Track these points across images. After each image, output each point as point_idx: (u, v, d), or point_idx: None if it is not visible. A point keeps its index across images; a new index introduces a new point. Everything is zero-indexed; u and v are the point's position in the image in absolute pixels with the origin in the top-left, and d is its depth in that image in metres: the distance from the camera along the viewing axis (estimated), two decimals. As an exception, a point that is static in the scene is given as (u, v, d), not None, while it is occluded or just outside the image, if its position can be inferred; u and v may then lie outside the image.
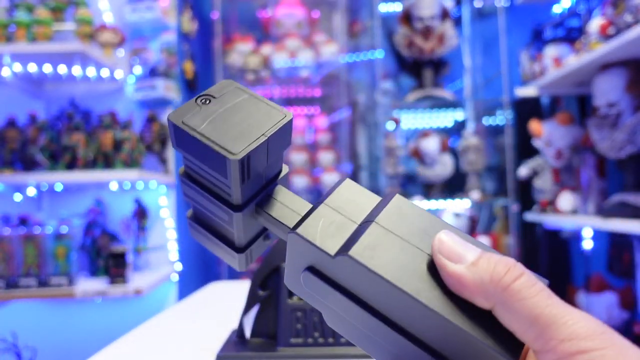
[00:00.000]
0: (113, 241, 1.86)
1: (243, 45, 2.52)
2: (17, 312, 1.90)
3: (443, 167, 2.38)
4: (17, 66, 1.79)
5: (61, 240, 1.68)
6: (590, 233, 2.18)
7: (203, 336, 0.68)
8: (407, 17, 2.41)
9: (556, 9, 2.36)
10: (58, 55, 1.70)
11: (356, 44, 2.62)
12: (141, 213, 1.94)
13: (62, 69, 1.84)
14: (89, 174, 1.73)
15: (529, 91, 2.22)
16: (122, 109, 1.99)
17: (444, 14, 2.38)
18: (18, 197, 1.95)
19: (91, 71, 1.85)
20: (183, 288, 2.07)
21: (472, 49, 2.57)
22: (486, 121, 2.60)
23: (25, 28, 1.69)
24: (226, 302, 0.92)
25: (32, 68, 1.82)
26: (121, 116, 1.92)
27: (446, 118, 2.64)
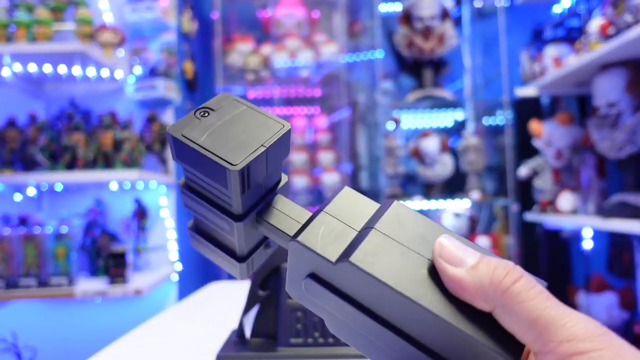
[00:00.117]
0: (113, 241, 1.86)
1: (243, 45, 2.52)
2: (17, 312, 1.90)
3: (443, 167, 2.38)
4: (17, 66, 1.79)
5: (61, 240, 1.68)
6: (590, 233, 2.18)
7: (203, 336, 0.68)
8: (407, 17, 2.41)
9: (556, 9, 2.36)
10: (58, 55, 1.71)
11: (356, 44, 2.62)
12: (141, 213, 1.94)
13: (62, 69, 1.84)
14: (89, 174, 1.73)
15: (529, 91, 2.21)
16: (122, 109, 1.99)
17: (444, 14, 2.38)
18: (18, 197, 1.95)
19: (91, 71, 1.85)
20: (183, 288, 2.07)
21: (472, 49, 2.57)
22: (486, 121, 2.60)
23: (25, 28, 1.69)
24: (226, 302, 0.92)
25: (32, 68, 1.82)
26: (121, 116, 1.92)
27: (446, 118, 2.64)
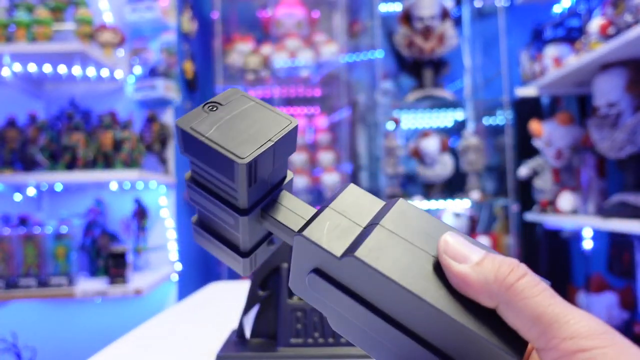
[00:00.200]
0: (113, 241, 1.86)
1: (243, 45, 2.52)
2: (17, 312, 1.90)
3: (443, 167, 2.38)
4: (17, 66, 1.79)
5: (61, 240, 1.68)
6: (590, 233, 2.18)
7: (203, 336, 0.68)
8: (407, 17, 2.41)
9: (556, 9, 2.36)
10: (58, 55, 1.71)
11: (356, 44, 2.62)
12: (141, 213, 1.94)
13: (62, 69, 1.84)
14: (89, 174, 1.73)
15: (529, 91, 2.21)
16: (122, 109, 1.99)
17: (444, 14, 2.38)
18: (18, 197, 1.95)
19: (91, 71, 1.85)
20: (183, 288, 2.06)
21: (472, 49, 2.57)
22: (486, 121, 2.60)
23: (25, 28, 1.69)
24: (226, 302, 0.92)
25: (32, 68, 1.82)
26: (121, 116, 1.92)
27: (446, 118, 2.64)
